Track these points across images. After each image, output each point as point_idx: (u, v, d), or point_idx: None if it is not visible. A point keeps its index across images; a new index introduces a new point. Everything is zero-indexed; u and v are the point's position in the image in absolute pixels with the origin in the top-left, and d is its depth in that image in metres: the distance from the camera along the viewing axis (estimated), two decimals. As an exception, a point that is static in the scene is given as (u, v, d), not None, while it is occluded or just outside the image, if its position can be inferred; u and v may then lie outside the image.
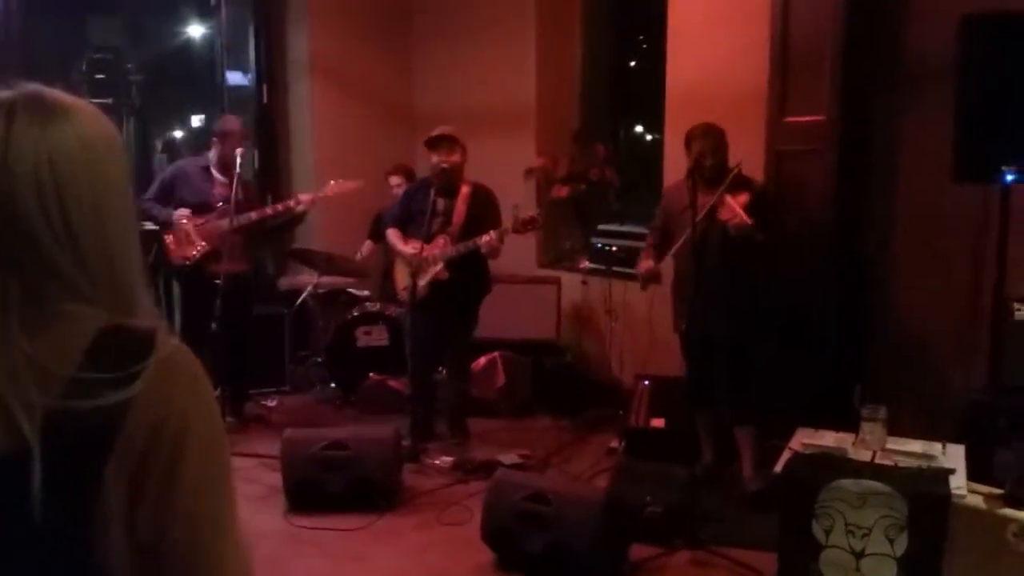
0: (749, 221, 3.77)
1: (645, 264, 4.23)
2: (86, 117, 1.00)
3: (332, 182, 5.09)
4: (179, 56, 7.50)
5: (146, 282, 1.05)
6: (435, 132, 4.78)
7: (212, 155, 5.02)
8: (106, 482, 0.90)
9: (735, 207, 3.81)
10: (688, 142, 4.06)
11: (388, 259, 5.45)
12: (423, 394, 4.91)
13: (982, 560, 2.72)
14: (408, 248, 4.76)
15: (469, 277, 4.77)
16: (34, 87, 0.99)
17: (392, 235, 4.92)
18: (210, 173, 5.01)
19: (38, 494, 0.87)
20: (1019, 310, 3.33)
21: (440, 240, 4.73)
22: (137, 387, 0.91)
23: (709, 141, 3.99)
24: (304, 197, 5.03)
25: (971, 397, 3.50)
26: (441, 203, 4.77)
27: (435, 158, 4.74)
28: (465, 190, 4.79)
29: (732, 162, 4.01)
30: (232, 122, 5.11)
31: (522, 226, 4.63)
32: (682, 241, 3.95)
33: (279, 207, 5.05)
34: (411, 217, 4.86)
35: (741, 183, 3.95)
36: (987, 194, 3.72)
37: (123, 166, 1.03)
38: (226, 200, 4.85)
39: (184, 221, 4.84)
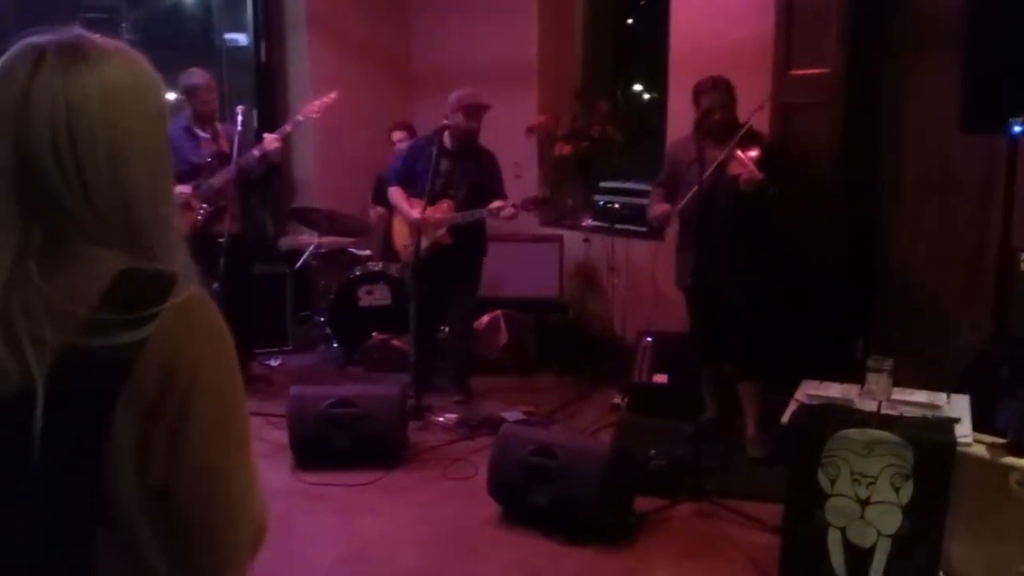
0: (760, 175, 3.72)
1: (660, 207, 4.17)
2: (118, 64, 0.99)
3: (304, 107, 4.94)
4: (174, 15, 7.39)
5: (180, 238, 1.04)
6: (479, 100, 4.69)
7: (187, 114, 4.87)
8: (115, 426, 0.90)
9: (746, 162, 3.76)
10: (696, 95, 4.01)
11: (388, 217, 5.43)
12: (426, 354, 4.93)
13: (985, 508, 2.74)
14: (413, 211, 4.73)
15: (470, 240, 4.77)
16: (77, 32, 0.99)
17: (396, 194, 4.88)
18: (193, 133, 4.87)
19: (39, 431, 0.87)
20: (1025, 261, 3.33)
21: (444, 204, 4.70)
22: (149, 329, 0.91)
23: (718, 94, 3.94)
24: (269, 137, 4.86)
25: (975, 348, 3.51)
26: (445, 164, 4.72)
27: (464, 120, 4.65)
28: (471, 155, 4.76)
29: (740, 116, 3.97)
30: (195, 76, 4.90)
31: (532, 204, 4.70)
32: (689, 196, 3.89)
33: (250, 156, 4.79)
34: (413, 176, 4.83)
35: (751, 137, 3.89)
36: (994, 146, 3.70)
37: (152, 114, 1.02)
38: (215, 157, 4.81)
39: (183, 193, 4.75)
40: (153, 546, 0.94)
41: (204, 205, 4.82)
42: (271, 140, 4.83)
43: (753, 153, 3.79)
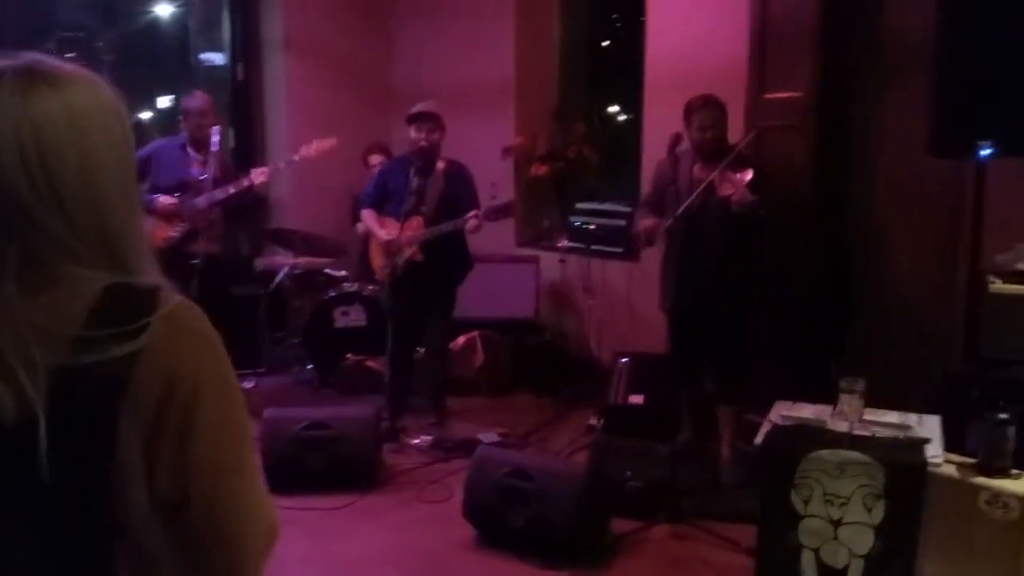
0: (753, 198, 3.69)
1: (647, 221, 4.09)
2: (80, 86, 0.99)
3: (303, 147, 4.93)
4: (151, 35, 7.37)
5: (151, 254, 1.04)
6: (418, 108, 4.70)
7: (184, 133, 4.94)
8: (120, 439, 0.90)
9: (738, 183, 3.72)
10: (687, 113, 3.98)
11: (364, 239, 5.42)
12: (402, 373, 4.91)
13: (956, 527, 2.75)
14: (383, 234, 4.72)
15: (445, 257, 4.74)
16: (34, 56, 0.99)
17: (368, 217, 4.87)
18: (186, 151, 4.92)
19: (45, 456, 0.87)
20: (994, 283, 3.36)
21: (415, 220, 4.69)
22: (143, 341, 0.91)
23: (710, 113, 3.93)
24: (258, 171, 4.88)
25: (946, 369, 3.54)
26: (415, 182, 4.72)
27: (414, 133, 4.68)
28: (439, 168, 4.75)
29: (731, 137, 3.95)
30: (194, 99, 4.95)
31: (495, 214, 4.62)
32: (679, 212, 3.84)
33: (238, 186, 4.80)
34: (387, 196, 4.82)
35: (742, 159, 3.86)
36: (964, 169, 3.75)
37: (119, 135, 1.02)
38: (204, 178, 4.80)
39: (166, 203, 4.76)
40: (163, 552, 0.95)
41: (183, 223, 4.80)
42: (259, 174, 4.85)
43: (747, 176, 3.74)
